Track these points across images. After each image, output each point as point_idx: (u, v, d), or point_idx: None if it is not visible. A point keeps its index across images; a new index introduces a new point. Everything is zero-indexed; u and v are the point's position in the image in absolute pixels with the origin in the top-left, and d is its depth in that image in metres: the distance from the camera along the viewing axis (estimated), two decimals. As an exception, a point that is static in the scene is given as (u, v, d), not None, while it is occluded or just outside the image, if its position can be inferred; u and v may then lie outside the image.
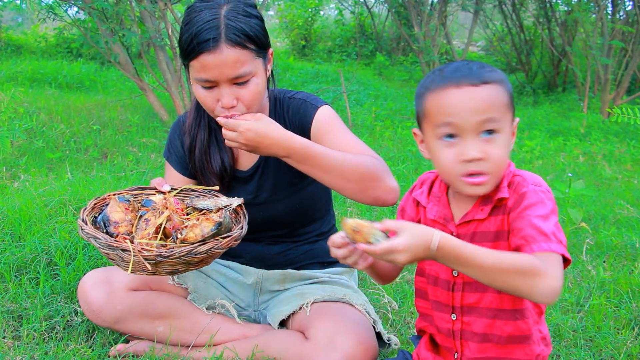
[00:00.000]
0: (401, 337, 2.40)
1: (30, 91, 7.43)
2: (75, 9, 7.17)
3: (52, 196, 3.26)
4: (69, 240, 2.73)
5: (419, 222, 1.71)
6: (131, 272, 1.75)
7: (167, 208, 1.90)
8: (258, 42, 1.95)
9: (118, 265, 1.80)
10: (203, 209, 1.95)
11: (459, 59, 8.56)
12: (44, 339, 2.24)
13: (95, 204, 1.94)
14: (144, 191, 2.04)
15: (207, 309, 2.18)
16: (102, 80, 8.80)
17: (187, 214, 1.95)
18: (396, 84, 10.64)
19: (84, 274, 2.26)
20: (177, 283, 2.19)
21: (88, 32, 6.73)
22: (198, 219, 1.84)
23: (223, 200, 1.98)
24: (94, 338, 2.25)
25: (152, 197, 1.97)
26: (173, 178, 2.21)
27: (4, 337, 2.22)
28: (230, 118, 1.91)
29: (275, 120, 2.11)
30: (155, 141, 5.64)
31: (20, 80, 8.14)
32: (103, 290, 2.07)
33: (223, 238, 1.82)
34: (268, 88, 2.16)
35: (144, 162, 4.94)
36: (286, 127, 2.11)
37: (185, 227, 1.82)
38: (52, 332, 2.28)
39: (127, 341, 2.16)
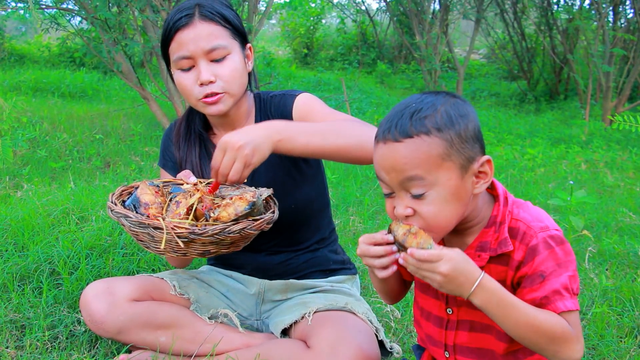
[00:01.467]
0: (403, 345, 2.40)
1: (34, 100, 7.48)
2: (79, 18, 7.20)
3: (55, 206, 3.27)
4: (72, 250, 2.73)
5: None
6: (163, 250, 1.71)
7: (198, 190, 1.88)
8: (233, 24, 2.04)
9: (147, 247, 1.78)
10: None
11: (460, 67, 8.58)
12: (47, 348, 2.24)
13: (123, 190, 1.94)
14: (171, 183, 2.05)
15: (209, 318, 2.17)
16: (105, 90, 8.84)
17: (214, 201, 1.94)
18: (398, 92, 10.66)
19: (87, 283, 2.26)
20: (179, 293, 2.19)
21: (91, 41, 6.76)
22: (232, 198, 1.81)
23: (252, 190, 1.94)
24: (97, 348, 2.25)
25: (180, 186, 1.98)
26: None
27: (7, 347, 2.22)
28: (216, 102, 1.99)
29: (260, 118, 2.14)
30: (157, 150, 5.65)
31: (23, 90, 8.19)
32: (105, 301, 2.07)
33: (255, 220, 1.79)
34: (251, 89, 2.22)
35: (147, 171, 4.96)
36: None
37: (218, 206, 1.80)
38: (55, 342, 2.28)
39: (129, 351, 2.15)
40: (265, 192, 1.94)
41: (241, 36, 2.08)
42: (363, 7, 13.31)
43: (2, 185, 4.19)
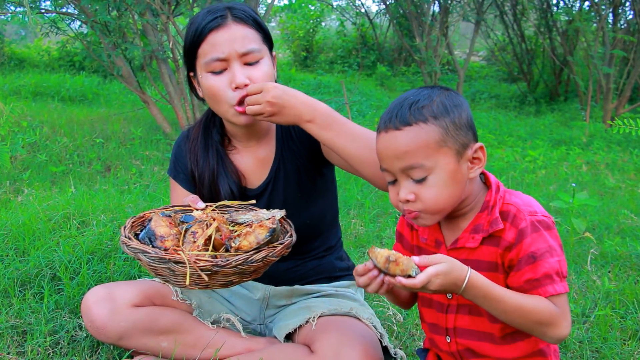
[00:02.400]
0: (406, 349, 2.39)
1: (33, 105, 7.47)
2: (79, 22, 7.20)
3: (56, 210, 3.26)
4: (73, 255, 2.72)
5: (413, 246, 1.72)
6: (186, 285, 1.68)
7: (214, 219, 1.85)
8: (263, 29, 2.02)
9: (167, 282, 1.75)
10: (245, 223, 1.89)
11: (460, 69, 8.58)
12: (49, 354, 2.23)
13: (134, 221, 1.89)
14: (179, 208, 2.02)
15: (212, 323, 2.16)
16: (105, 94, 8.84)
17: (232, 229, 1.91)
18: (398, 95, 10.61)
19: (88, 288, 2.25)
20: (182, 299, 2.18)
21: (91, 45, 6.76)
22: (251, 225, 1.79)
23: (264, 213, 1.93)
24: (99, 353, 2.24)
25: (191, 214, 1.94)
26: (181, 197, 2.18)
27: (8, 353, 2.21)
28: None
29: (282, 131, 2.12)
30: (158, 154, 5.65)
31: (23, 94, 8.19)
32: (106, 307, 2.05)
33: (276, 247, 1.77)
34: None
35: (147, 175, 4.95)
36: (293, 139, 2.12)
37: (238, 235, 1.77)
38: (56, 348, 2.27)
39: (131, 356, 2.14)
40: (279, 213, 1.92)
41: (269, 42, 2.05)
42: (363, 10, 13.32)
43: (3, 190, 4.19)
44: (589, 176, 5.64)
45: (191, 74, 2.08)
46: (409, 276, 1.41)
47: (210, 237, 1.76)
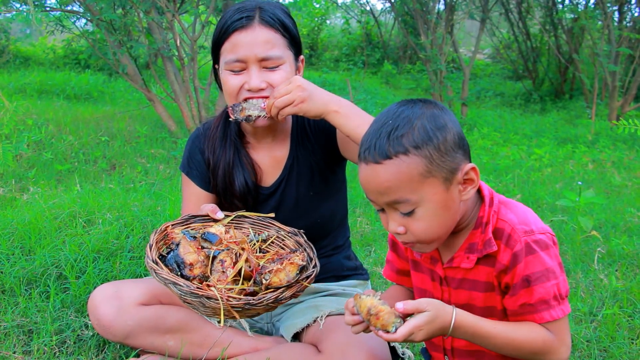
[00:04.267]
0: (413, 348, 2.38)
1: (39, 103, 7.47)
2: (84, 20, 7.20)
3: (62, 209, 3.26)
4: (79, 253, 2.72)
5: (409, 258, 1.69)
6: (217, 320, 1.75)
7: (243, 249, 1.88)
8: (291, 34, 2.01)
9: (196, 310, 1.78)
10: (268, 240, 2.01)
11: (466, 67, 8.55)
12: (55, 353, 2.23)
13: (157, 239, 1.89)
14: (196, 219, 2.02)
15: (218, 322, 2.16)
16: (110, 92, 8.84)
17: (255, 251, 1.96)
18: (403, 93, 10.64)
19: (95, 287, 2.25)
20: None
21: (96, 43, 6.76)
22: (282, 264, 1.80)
23: (284, 231, 2.03)
24: (105, 352, 2.24)
25: (212, 230, 1.94)
26: (194, 194, 2.19)
27: (14, 352, 2.21)
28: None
29: (297, 129, 2.12)
30: (163, 152, 5.65)
31: (28, 92, 8.18)
32: (113, 305, 2.05)
33: (302, 282, 1.81)
34: None
35: (153, 173, 4.95)
36: (308, 137, 2.12)
37: (269, 271, 1.79)
38: (62, 347, 2.27)
39: (138, 355, 2.14)
40: (299, 235, 2.01)
41: (296, 47, 2.05)
42: (368, 8, 13.28)
43: (8, 188, 4.19)
44: (595, 174, 5.61)
45: (216, 66, 2.09)
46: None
47: (240, 269, 1.81)
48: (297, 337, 2.09)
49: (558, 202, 3.76)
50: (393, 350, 2.00)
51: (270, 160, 2.16)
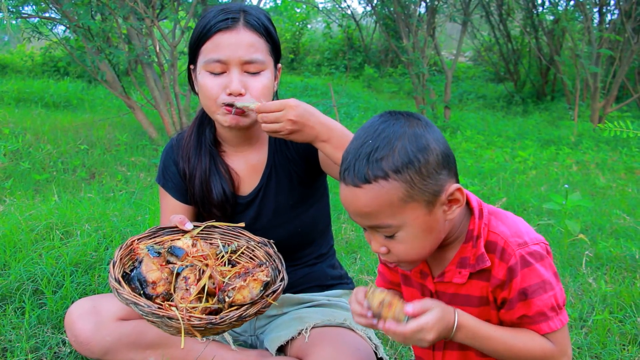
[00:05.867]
0: (402, 358, 2.33)
1: (16, 111, 7.34)
2: (63, 27, 7.09)
3: (39, 220, 3.17)
4: (56, 267, 2.64)
5: (397, 271, 1.64)
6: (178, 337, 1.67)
7: (207, 265, 1.81)
8: (274, 40, 1.96)
9: (159, 327, 1.71)
10: (238, 251, 1.93)
11: (448, 70, 8.54)
12: (31, 372, 2.15)
13: (121, 255, 1.81)
14: (164, 231, 1.95)
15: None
16: (90, 99, 8.72)
17: (223, 263, 1.89)
18: (385, 96, 10.63)
19: (72, 302, 2.18)
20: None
21: (74, 50, 6.65)
22: (245, 280, 1.73)
23: (254, 240, 1.95)
24: (83, 369, 2.16)
25: (179, 243, 1.88)
26: (170, 206, 2.13)
27: (-12, 371, 2.13)
28: (239, 114, 1.89)
29: (275, 141, 2.05)
30: (144, 160, 5.56)
31: (5, 100, 8.05)
32: (91, 320, 1.98)
33: (268, 295, 1.73)
34: None
35: (133, 181, 4.87)
36: (287, 145, 2.05)
37: (233, 288, 1.72)
38: (39, 365, 2.19)
39: (117, 372, 2.07)
40: (269, 245, 1.93)
41: (277, 54, 1.99)
42: (349, 12, 13.28)
43: (-16, 199, 4.09)
44: (579, 176, 5.61)
45: (191, 66, 2.02)
46: None
47: (204, 287, 1.74)
48: (282, 350, 2.03)
49: (544, 205, 3.72)
50: (382, 363, 1.94)
51: (247, 167, 2.10)
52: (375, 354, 1.92)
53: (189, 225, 1.95)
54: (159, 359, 2.03)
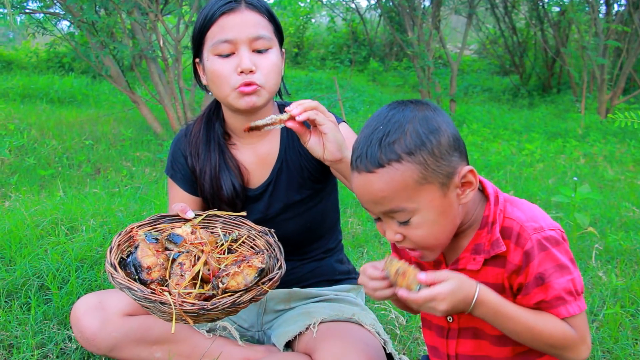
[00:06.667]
0: (410, 353, 2.31)
1: (22, 107, 7.33)
2: (67, 23, 7.07)
3: (44, 216, 3.16)
4: (61, 263, 2.62)
5: (410, 260, 1.60)
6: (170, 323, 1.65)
7: (202, 251, 1.79)
8: (276, 21, 1.96)
9: (154, 313, 1.70)
10: (238, 240, 1.90)
11: (453, 63, 8.50)
12: (37, 368, 2.13)
13: (120, 241, 1.81)
14: (165, 219, 1.94)
15: (207, 331, 2.07)
16: (94, 94, 8.71)
17: (223, 251, 1.87)
18: (390, 90, 10.59)
19: (78, 297, 2.17)
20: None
21: (79, 46, 6.64)
22: (240, 267, 1.71)
23: (254, 230, 1.92)
24: (90, 366, 2.15)
25: (178, 231, 1.86)
26: (179, 197, 2.11)
27: (-6, 368, 2.12)
28: (253, 93, 1.87)
29: (288, 137, 2.02)
30: (149, 154, 5.55)
31: (11, 96, 8.05)
32: (97, 316, 1.97)
33: (264, 282, 1.71)
34: (280, 97, 2.12)
35: (139, 176, 4.85)
36: (301, 145, 2.00)
37: (227, 274, 1.70)
38: (45, 361, 2.17)
39: (124, 368, 2.05)
40: (269, 234, 1.90)
41: (280, 36, 1.99)
42: (353, 5, 13.23)
43: (-11, 195, 4.08)
44: (587, 169, 5.56)
45: (197, 60, 2.01)
46: None
47: (198, 273, 1.73)
48: (289, 345, 2.01)
49: (553, 198, 3.69)
50: (390, 357, 1.92)
51: (257, 160, 2.07)
52: (384, 349, 1.90)
53: (190, 214, 1.94)
54: (165, 355, 2.02)
